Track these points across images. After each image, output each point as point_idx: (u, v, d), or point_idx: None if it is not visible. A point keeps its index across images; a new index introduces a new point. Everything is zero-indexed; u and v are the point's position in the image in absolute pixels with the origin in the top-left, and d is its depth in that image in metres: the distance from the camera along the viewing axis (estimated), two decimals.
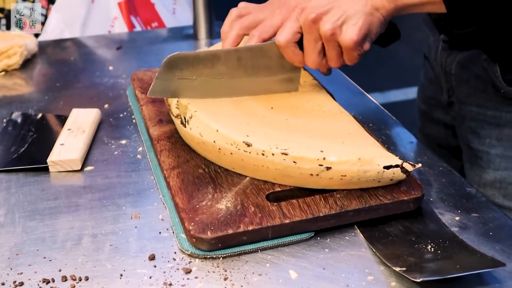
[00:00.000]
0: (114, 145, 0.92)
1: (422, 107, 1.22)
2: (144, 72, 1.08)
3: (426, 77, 1.19)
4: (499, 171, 1.01)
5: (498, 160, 1.01)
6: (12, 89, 1.15)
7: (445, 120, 1.15)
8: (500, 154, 1.00)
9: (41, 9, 1.47)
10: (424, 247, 0.69)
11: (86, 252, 0.70)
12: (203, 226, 0.69)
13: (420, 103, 1.24)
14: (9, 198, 0.80)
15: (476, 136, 1.03)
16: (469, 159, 1.06)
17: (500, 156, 1.01)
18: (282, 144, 0.74)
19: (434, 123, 1.19)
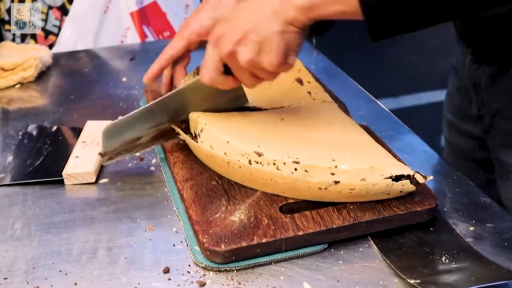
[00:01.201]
0: (128, 158, 0.93)
1: (449, 117, 1.19)
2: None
3: (454, 87, 1.15)
4: None
5: None
6: (27, 101, 1.16)
7: (474, 132, 1.11)
8: None
9: (54, 21, 1.49)
10: (438, 258, 0.69)
11: (101, 265, 0.70)
12: (217, 238, 0.69)
13: (446, 113, 1.20)
14: (26, 211, 0.81)
15: (509, 150, 1.01)
16: (501, 173, 1.04)
17: None
18: (293, 153, 0.74)
19: (462, 134, 1.16)
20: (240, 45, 0.72)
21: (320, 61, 1.31)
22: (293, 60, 0.74)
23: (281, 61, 0.72)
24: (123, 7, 1.52)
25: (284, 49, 0.72)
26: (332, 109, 0.89)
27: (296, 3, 0.70)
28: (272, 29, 0.71)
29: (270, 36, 0.71)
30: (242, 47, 0.72)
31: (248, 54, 0.72)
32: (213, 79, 0.77)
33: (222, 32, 0.74)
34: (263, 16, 0.71)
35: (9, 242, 0.75)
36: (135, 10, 1.53)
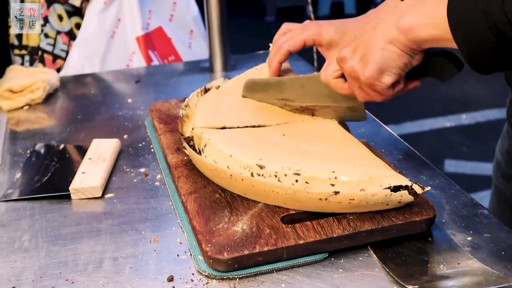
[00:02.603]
0: (134, 173, 0.95)
1: (499, 157, 1.13)
2: (162, 103, 1.12)
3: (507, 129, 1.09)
4: None
5: None
6: (35, 122, 1.19)
7: None
8: None
9: (62, 45, 1.53)
10: (436, 266, 0.70)
11: (107, 275, 0.72)
12: (219, 247, 0.71)
13: (497, 152, 1.14)
14: (33, 224, 0.83)
15: None
16: None
17: None
18: (294, 166, 0.76)
19: (508, 180, 1.09)
20: (351, 53, 0.79)
21: None
22: (388, 80, 0.77)
23: (373, 75, 0.76)
24: (129, 32, 1.56)
25: (380, 65, 0.76)
26: (332, 126, 0.91)
27: (398, 24, 0.73)
28: (375, 44, 0.76)
29: (372, 49, 0.76)
30: (350, 55, 0.79)
31: (351, 62, 0.78)
32: (328, 78, 0.84)
33: (348, 39, 0.81)
34: (375, 33, 0.76)
35: (17, 254, 0.77)
36: (141, 35, 1.57)
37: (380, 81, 0.77)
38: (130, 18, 1.57)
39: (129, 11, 1.57)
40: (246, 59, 1.49)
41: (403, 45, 0.74)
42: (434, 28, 0.70)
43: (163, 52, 1.63)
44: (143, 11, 1.60)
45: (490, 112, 3.30)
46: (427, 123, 3.29)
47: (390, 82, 0.77)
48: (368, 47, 0.76)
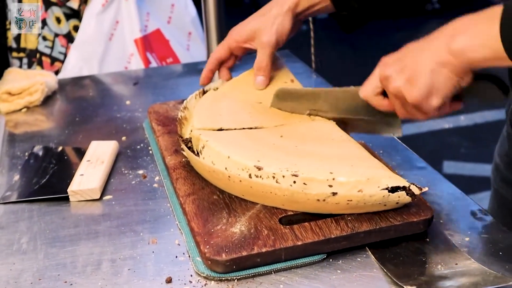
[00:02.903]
0: (132, 175, 0.95)
1: (497, 160, 1.12)
2: (160, 105, 1.12)
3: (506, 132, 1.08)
4: None
5: None
6: (33, 124, 1.19)
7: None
8: None
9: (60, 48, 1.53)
10: (434, 266, 0.71)
11: (106, 276, 0.72)
12: (218, 248, 0.71)
13: (496, 156, 1.13)
14: (32, 226, 0.83)
15: None
16: None
17: None
18: (292, 167, 0.76)
19: (507, 183, 1.08)
20: (396, 73, 0.77)
21: (319, 83, 1.34)
22: (436, 102, 0.75)
23: (422, 97, 0.75)
24: (127, 34, 1.57)
25: (429, 87, 0.74)
26: (330, 127, 0.92)
27: (451, 46, 0.72)
28: (425, 67, 0.74)
29: (421, 71, 0.74)
30: (396, 74, 0.77)
31: (397, 82, 0.76)
32: (368, 94, 0.83)
33: (391, 59, 0.79)
34: (423, 54, 0.75)
35: (15, 256, 0.77)
36: (139, 37, 1.57)
37: (428, 103, 0.76)
38: (128, 20, 1.57)
39: (127, 13, 1.57)
40: (244, 61, 1.48)
41: (455, 68, 0.73)
42: (488, 49, 0.69)
43: (161, 54, 1.63)
44: (141, 13, 1.60)
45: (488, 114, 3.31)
46: (426, 124, 3.29)
47: (438, 105, 0.76)
48: (416, 68, 0.75)
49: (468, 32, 0.72)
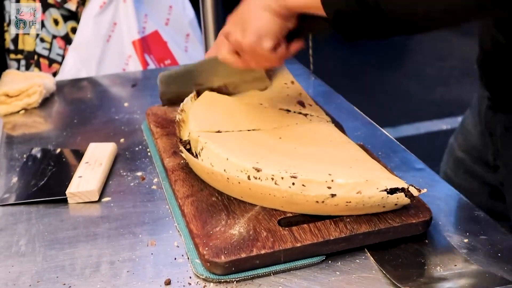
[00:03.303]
0: (130, 177, 0.95)
1: (460, 155, 1.12)
2: (158, 107, 1.12)
3: (472, 126, 1.08)
4: None
5: None
6: (31, 126, 1.19)
7: (486, 177, 1.06)
8: None
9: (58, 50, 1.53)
10: (433, 268, 0.71)
11: (104, 278, 0.72)
12: (217, 250, 0.71)
13: (458, 151, 1.13)
14: (30, 228, 0.83)
15: None
16: None
17: None
18: (291, 169, 0.76)
19: (472, 176, 1.09)
20: (234, 26, 0.85)
21: (318, 85, 1.34)
22: (267, 44, 0.82)
23: (252, 41, 0.82)
24: (125, 36, 1.57)
25: (257, 31, 0.82)
26: (329, 129, 0.92)
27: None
28: (253, 13, 0.83)
29: (249, 18, 0.83)
30: (234, 27, 0.85)
31: (235, 34, 0.84)
32: (224, 55, 0.88)
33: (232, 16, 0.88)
34: (252, 4, 0.84)
35: (14, 258, 0.77)
36: (137, 39, 1.57)
37: (260, 47, 0.82)
38: (126, 22, 1.57)
39: (125, 15, 1.57)
40: None
41: (275, 12, 0.81)
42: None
43: (159, 56, 1.63)
44: (139, 15, 1.60)
45: None
46: (424, 126, 3.29)
47: (270, 46, 0.82)
48: (247, 18, 0.83)
49: None
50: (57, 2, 1.50)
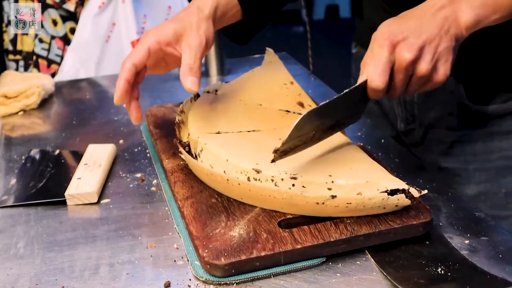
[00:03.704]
0: (130, 178, 0.95)
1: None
2: (157, 108, 1.12)
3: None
4: (482, 184, 1.03)
5: (478, 174, 1.03)
6: (30, 128, 1.19)
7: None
8: (478, 168, 1.03)
9: (57, 50, 1.52)
10: (434, 269, 0.70)
11: (104, 281, 0.72)
12: (216, 252, 0.70)
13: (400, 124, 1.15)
14: (29, 230, 0.83)
15: (449, 156, 1.06)
16: (446, 179, 1.06)
17: (479, 170, 1.03)
18: (290, 170, 0.76)
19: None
20: (423, 53, 0.74)
21: (317, 86, 1.33)
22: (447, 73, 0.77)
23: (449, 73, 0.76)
24: (124, 36, 1.56)
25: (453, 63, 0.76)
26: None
27: (464, 22, 0.75)
28: (449, 44, 0.75)
29: (447, 49, 0.75)
30: (424, 54, 0.74)
31: (429, 64, 0.75)
32: (384, 85, 0.75)
33: (400, 37, 0.75)
34: (440, 29, 0.75)
35: (12, 260, 0.77)
36: (136, 39, 1.56)
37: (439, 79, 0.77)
38: (124, 23, 1.57)
39: (124, 16, 1.57)
40: (241, 63, 1.49)
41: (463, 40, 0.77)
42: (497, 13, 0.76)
43: None
44: (137, 15, 1.60)
45: None
46: None
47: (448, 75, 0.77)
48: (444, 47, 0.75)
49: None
50: (55, 2, 1.49)
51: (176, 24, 0.87)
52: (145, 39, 0.87)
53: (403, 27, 0.75)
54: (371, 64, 0.75)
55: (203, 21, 0.88)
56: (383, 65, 0.74)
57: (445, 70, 0.76)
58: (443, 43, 0.75)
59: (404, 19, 0.77)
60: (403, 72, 0.75)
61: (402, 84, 0.77)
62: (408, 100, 1.07)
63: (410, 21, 0.76)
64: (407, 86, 0.78)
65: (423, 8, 0.78)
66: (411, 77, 0.77)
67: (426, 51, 0.74)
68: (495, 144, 1.02)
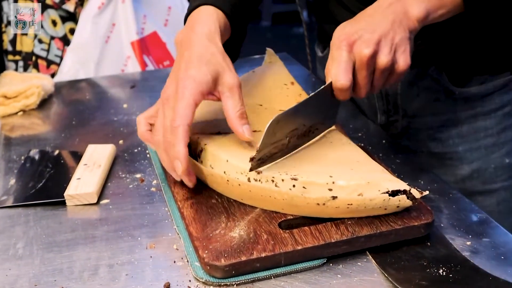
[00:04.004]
0: (129, 179, 0.94)
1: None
2: None
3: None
4: (474, 163, 1.09)
5: (468, 154, 1.08)
6: (30, 128, 1.18)
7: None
8: (468, 148, 1.08)
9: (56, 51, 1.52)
10: (436, 271, 0.70)
11: (103, 282, 0.71)
12: (216, 253, 0.70)
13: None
14: (28, 231, 0.82)
15: (438, 141, 1.10)
16: (437, 163, 1.10)
17: (468, 150, 1.08)
18: (291, 170, 0.75)
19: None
20: (380, 46, 0.77)
21: (318, 86, 1.32)
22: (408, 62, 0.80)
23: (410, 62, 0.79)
24: (124, 36, 1.56)
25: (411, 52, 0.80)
26: (329, 130, 0.91)
27: (416, 14, 0.79)
28: (404, 35, 0.79)
29: (403, 40, 0.79)
30: (381, 47, 0.77)
31: (389, 55, 0.77)
32: (349, 82, 0.77)
33: (356, 36, 0.78)
34: (393, 23, 0.79)
35: (11, 261, 0.76)
36: (135, 39, 1.56)
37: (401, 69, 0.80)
38: (124, 23, 1.57)
39: (124, 16, 1.56)
40: (241, 64, 1.48)
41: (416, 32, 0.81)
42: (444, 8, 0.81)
43: (158, 57, 1.62)
44: (137, 16, 1.60)
45: None
46: None
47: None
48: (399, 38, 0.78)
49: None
50: (55, 3, 1.49)
51: (207, 67, 0.79)
52: (185, 93, 0.77)
53: (356, 27, 0.79)
54: (333, 67, 0.78)
55: (225, 55, 0.82)
56: (344, 64, 0.77)
57: (405, 59, 0.79)
58: (398, 35, 0.78)
59: (356, 20, 0.81)
60: (365, 68, 0.78)
61: (367, 81, 0.79)
62: (390, 92, 1.10)
63: (363, 20, 0.80)
64: (372, 83, 0.81)
65: (373, 7, 0.82)
66: (374, 73, 0.80)
67: (383, 44, 0.77)
68: (480, 123, 1.07)
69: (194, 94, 0.77)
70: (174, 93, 0.78)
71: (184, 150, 0.76)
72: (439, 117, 1.08)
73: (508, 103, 1.07)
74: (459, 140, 1.09)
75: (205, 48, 0.81)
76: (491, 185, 1.10)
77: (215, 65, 0.80)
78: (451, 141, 1.09)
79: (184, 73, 0.78)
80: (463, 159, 1.09)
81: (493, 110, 1.06)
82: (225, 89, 0.80)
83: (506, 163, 1.09)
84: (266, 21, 4.94)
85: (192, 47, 0.81)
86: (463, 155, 1.09)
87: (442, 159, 1.10)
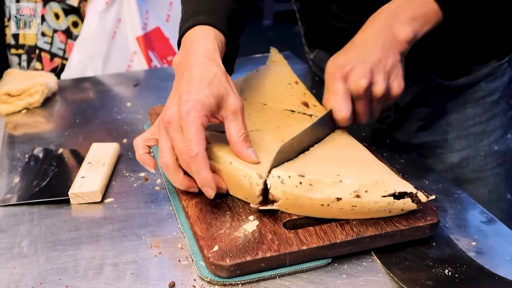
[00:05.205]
0: (133, 178, 0.94)
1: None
2: (161, 107, 1.11)
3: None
4: (463, 151, 1.12)
5: (457, 141, 1.12)
6: (33, 126, 1.18)
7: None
8: (457, 136, 1.12)
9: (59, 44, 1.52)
10: (441, 271, 0.70)
11: (108, 281, 0.71)
12: (222, 253, 0.70)
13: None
14: (32, 229, 0.82)
15: (427, 131, 1.13)
16: (427, 153, 1.14)
17: (457, 138, 1.12)
18: (298, 169, 0.75)
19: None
20: (374, 76, 0.82)
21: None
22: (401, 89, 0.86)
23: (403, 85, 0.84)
24: (129, 32, 1.56)
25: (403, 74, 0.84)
26: (336, 131, 0.90)
27: (404, 37, 0.84)
28: (395, 59, 0.83)
29: (395, 64, 0.83)
30: (375, 77, 0.82)
31: (383, 83, 0.82)
32: (349, 112, 0.85)
33: (348, 67, 0.83)
34: (382, 50, 0.83)
35: (16, 259, 0.76)
36: (141, 35, 1.56)
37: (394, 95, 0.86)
38: (130, 19, 1.57)
39: (129, 12, 1.57)
40: (243, 62, 1.48)
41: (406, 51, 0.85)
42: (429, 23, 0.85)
43: (162, 52, 1.62)
44: (141, 11, 1.60)
45: None
46: None
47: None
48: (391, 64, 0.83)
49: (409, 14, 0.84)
50: None
51: (209, 89, 0.77)
52: (190, 116, 0.74)
53: (347, 57, 0.84)
54: (331, 99, 0.85)
55: (227, 75, 0.81)
56: (342, 95, 0.84)
57: (399, 83, 0.84)
58: (389, 60, 0.83)
59: (346, 51, 0.86)
60: (363, 98, 0.84)
61: (367, 110, 0.86)
62: None
63: (353, 51, 0.85)
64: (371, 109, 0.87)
65: (362, 36, 0.86)
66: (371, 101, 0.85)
67: (376, 73, 0.82)
68: (469, 111, 1.10)
69: (200, 116, 0.75)
70: (177, 116, 0.76)
71: (210, 175, 0.75)
72: (429, 109, 1.11)
73: (495, 90, 1.09)
74: (448, 128, 1.12)
75: (206, 68, 0.79)
76: (481, 173, 1.12)
77: (218, 88, 0.77)
78: (440, 129, 1.12)
79: (187, 96, 0.76)
80: (452, 147, 1.12)
81: (481, 98, 1.09)
82: (229, 113, 0.78)
83: (495, 150, 1.12)
84: (268, 20, 4.93)
85: (192, 68, 0.79)
86: (452, 143, 1.12)
87: (432, 148, 1.13)
